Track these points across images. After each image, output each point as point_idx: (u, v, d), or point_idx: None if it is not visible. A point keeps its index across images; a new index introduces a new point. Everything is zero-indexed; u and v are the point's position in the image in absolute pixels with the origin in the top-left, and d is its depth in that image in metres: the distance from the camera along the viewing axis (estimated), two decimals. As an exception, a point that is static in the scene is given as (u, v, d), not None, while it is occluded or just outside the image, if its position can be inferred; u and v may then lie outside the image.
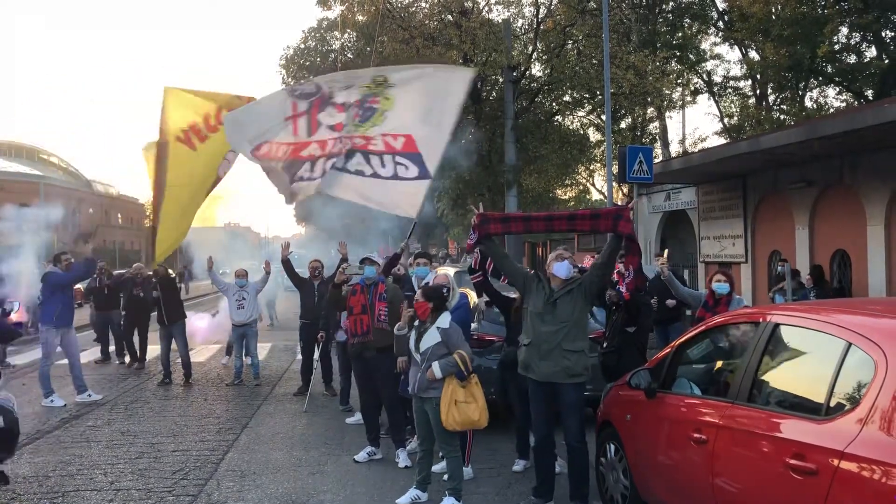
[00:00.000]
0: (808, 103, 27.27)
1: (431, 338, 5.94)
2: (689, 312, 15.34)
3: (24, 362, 14.42)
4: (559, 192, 32.50)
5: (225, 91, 10.79)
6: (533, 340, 5.77)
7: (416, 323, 6.10)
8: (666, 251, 9.94)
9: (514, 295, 7.02)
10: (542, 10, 22.90)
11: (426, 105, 8.26)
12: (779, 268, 13.58)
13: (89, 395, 10.56)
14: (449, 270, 12.82)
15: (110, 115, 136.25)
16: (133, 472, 7.08)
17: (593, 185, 35.10)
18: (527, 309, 5.94)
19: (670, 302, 9.67)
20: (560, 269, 5.78)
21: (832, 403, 3.52)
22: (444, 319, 6.03)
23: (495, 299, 7.23)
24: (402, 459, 7.15)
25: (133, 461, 7.45)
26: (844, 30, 24.21)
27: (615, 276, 7.19)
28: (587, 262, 7.81)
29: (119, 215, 71.13)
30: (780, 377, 4.15)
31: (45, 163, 57.90)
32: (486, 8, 23.89)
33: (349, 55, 27.52)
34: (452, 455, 5.96)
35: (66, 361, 10.88)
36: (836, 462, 3.27)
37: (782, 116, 26.42)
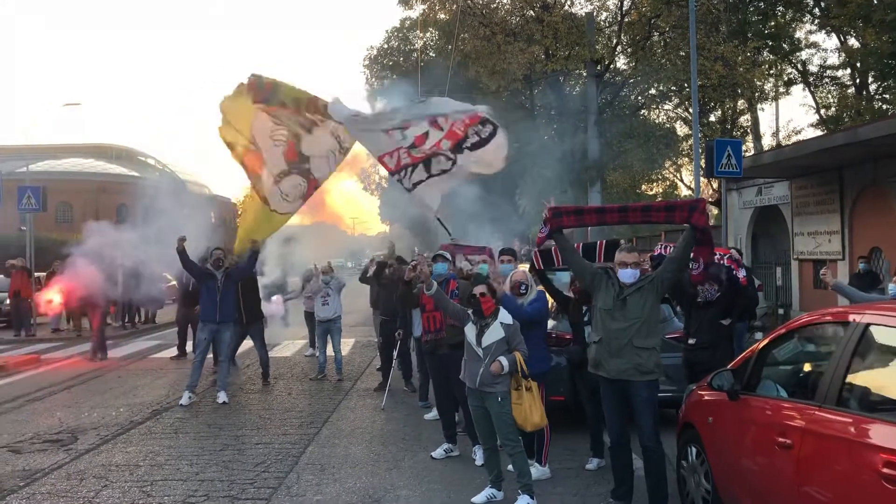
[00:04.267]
0: (913, 91, 25.81)
1: (495, 333, 5.90)
2: (781, 311, 14.79)
3: (120, 355, 15.08)
4: (645, 187, 31.82)
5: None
6: (603, 338, 5.63)
7: (476, 318, 6.02)
8: (826, 264, 9.37)
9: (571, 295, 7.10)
10: (627, 2, 22.45)
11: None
12: (861, 265, 12.98)
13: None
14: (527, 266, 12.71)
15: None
16: (217, 463, 7.28)
17: (681, 180, 34.23)
18: (596, 306, 5.81)
19: None
20: (625, 275, 5.64)
21: (929, 409, 3.28)
22: (506, 315, 5.99)
23: (555, 297, 7.19)
24: (479, 457, 7.09)
25: (217, 453, 7.66)
26: (954, 12, 22.78)
27: (729, 263, 6.99)
28: (658, 250, 7.53)
29: (212, 215, 73.64)
30: (872, 380, 3.90)
31: (142, 164, 60.45)
32: (569, 2, 23.60)
33: (431, 54, 27.70)
34: (516, 451, 5.91)
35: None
36: (932, 472, 3.05)
37: (885, 106, 25.08)
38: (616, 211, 6.45)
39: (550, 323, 7.94)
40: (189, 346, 14.32)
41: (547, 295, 7.30)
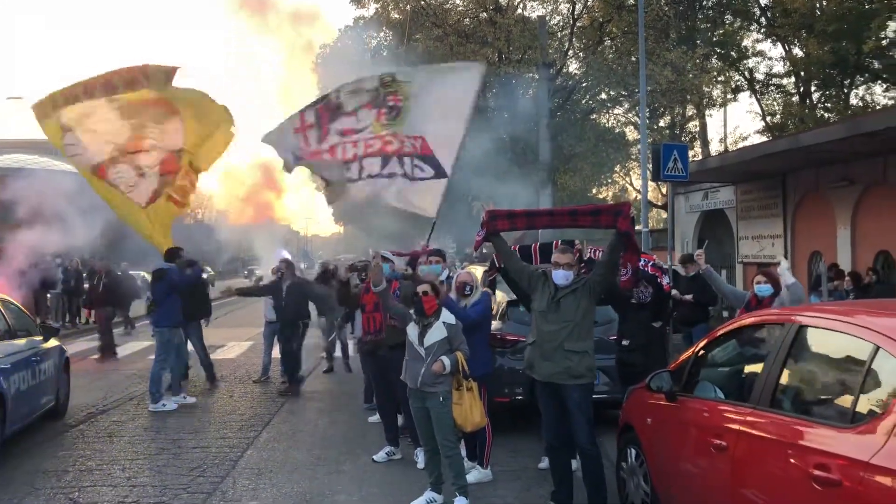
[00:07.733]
0: (853, 100, 26.53)
1: (437, 333, 5.83)
2: (725, 314, 15.02)
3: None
4: (595, 190, 32.10)
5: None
6: (537, 340, 5.60)
7: (418, 317, 5.95)
8: (706, 243, 9.62)
9: None
10: (579, 7, 22.61)
11: (440, 105, 8.28)
12: (819, 269, 13.20)
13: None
14: (478, 269, 12.66)
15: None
16: (151, 468, 7.06)
17: (631, 184, 34.67)
18: (533, 308, 5.78)
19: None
20: (557, 276, 5.61)
21: (858, 410, 3.29)
22: (449, 315, 5.93)
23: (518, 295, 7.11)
24: (421, 460, 7.01)
25: (153, 457, 7.43)
26: (893, 24, 23.45)
27: (653, 270, 6.96)
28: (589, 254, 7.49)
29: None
30: (804, 381, 3.92)
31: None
32: (522, 5, 23.68)
33: (384, 54, 27.50)
34: (453, 452, 5.87)
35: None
36: (860, 473, 3.05)
37: (826, 114, 25.73)
38: (544, 214, 6.54)
39: (495, 324, 7.89)
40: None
41: (490, 296, 7.23)
